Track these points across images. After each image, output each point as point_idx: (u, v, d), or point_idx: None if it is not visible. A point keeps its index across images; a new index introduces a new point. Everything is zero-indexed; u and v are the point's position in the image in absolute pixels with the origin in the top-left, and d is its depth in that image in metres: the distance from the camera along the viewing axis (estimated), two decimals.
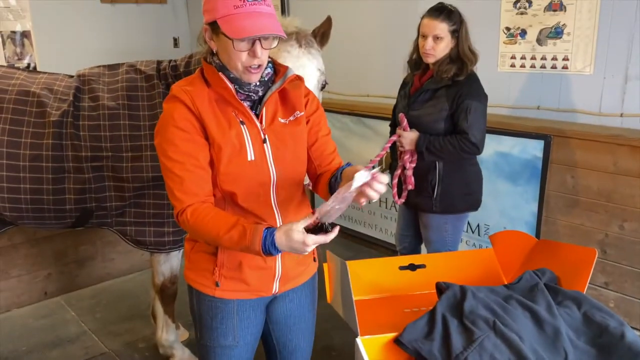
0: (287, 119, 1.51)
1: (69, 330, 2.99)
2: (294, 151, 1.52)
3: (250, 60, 1.38)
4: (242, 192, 1.46)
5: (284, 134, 1.50)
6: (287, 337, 1.70)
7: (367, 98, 3.87)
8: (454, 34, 2.30)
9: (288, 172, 1.51)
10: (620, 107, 2.68)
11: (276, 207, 1.51)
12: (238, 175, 1.45)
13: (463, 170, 2.42)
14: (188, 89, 1.43)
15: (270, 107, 1.50)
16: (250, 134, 1.45)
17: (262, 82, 1.46)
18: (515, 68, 3.04)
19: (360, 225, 4.04)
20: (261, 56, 1.38)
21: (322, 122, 1.60)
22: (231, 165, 1.43)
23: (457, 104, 2.29)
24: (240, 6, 1.33)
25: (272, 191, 1.49)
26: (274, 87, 1.48)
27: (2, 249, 3.08)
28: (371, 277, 2.17)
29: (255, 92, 1.46)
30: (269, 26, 1.33)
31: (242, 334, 1.59)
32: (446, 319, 1.72)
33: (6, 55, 4.50)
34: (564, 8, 2.78)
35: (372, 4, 3.71)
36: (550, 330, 1.70)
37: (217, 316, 1.56)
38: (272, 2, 1.40)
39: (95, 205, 2.24)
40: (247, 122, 1.45)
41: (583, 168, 2.73)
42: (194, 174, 1.41)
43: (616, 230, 2.67)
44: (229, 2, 1.33)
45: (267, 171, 1.47)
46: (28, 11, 4.58)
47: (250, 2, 1.33)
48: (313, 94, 1.59)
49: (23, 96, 2.18)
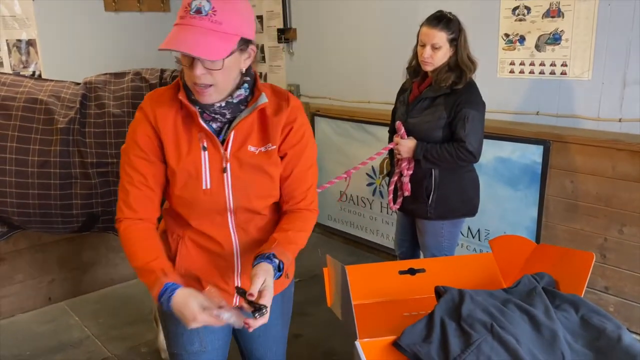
0: (257, 149, 1.39)
1: (72, 335, 3.02)
2: (258, 185, 1.42)
3: (192, 77, 1.28)
4: (195, 216, 1.42)
5: (250, 165, 1.39)
6: (252, 347, 1.68)
7: (367, 104, 3.90)
8: (453, 43, 2.32)
9: (249, 203, 1.43)
10: (618, 112, 2.70)
11: (234, 230, 1.46)
12: (191, 201, 1.40)
13: (459, 177, 2.44)
14: (155, 106, 1.37)
15: (241, 132, 1.38)
16: (211, 160, 1.36)
17: (230, 104, 1.35)
18: (515, 74, 3.06)
19: (362, 231, 4.06)
20: (199, 76, 1.26)
21: (303, 157, 1.46)
22: (185, 191, 1.39)
23: (455, 112, 2.31)
24: (183, 17, 1.25)
25: (230, 217, 1.44)
26: (243, 114, 1.37)
27: (6, 254, 3.11)
28: (371, 281, 2.19)
29: (222, 114, 1.36)
30: (190, 43, 1.20)
31: (209, 339, 1.56)
32: (444, 322, 1.74)
33: (12, 63, 4.56)
34: (561, 14, 2.81)
35: (373, 10, 3.75)
36: (547, 334, 1.71)
37: (181, 323, 1.47)
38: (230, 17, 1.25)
39: (101, 210, 2.28)
40: (210, 147, 1.36)
41: (582, 173, 2.75)
42: (139, 190, 1.38)
43: (615, 235, 2.68)
44: (180, 12, 1.27)
45: (224, 201, 1.40)
46: (33, 20, 4.63)
47: (192, 15, 1.23)
48: (300, 122, 1.43)
49: (31, 104, 2.22)
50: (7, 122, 2.18)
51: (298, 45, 4.39)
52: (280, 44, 4.49)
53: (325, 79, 4.19)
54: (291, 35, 4.38)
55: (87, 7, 4.88)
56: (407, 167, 2.45)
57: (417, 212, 2.49)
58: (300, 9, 4.30)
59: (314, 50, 4.24)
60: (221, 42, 1.24)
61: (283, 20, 4.40)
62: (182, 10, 1.26)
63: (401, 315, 2.04)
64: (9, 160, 2.16)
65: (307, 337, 2.92)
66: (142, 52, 5.20)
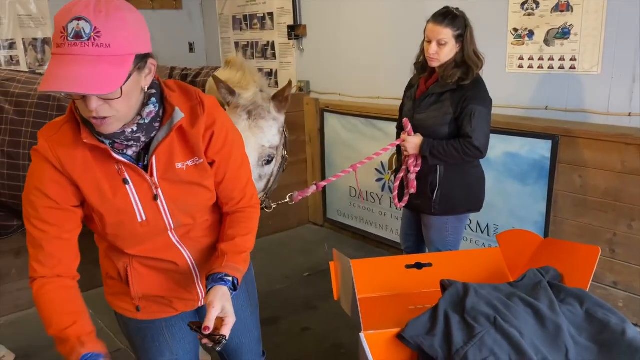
0: (185, 164, 1.28)
1: None
2: (194, 198, 1.33)
3: (87, 111, 1.10)
4: (136, 246, 1.33)
5: (182, 183, 1.29)
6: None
7: (377, 100, 3.91)
8: (459, 39, 2.32)
9: (189, 218, 1.36)
10: (628, 106, 2.68)
11: (180, 244, 1.40)
12: (128, 235, 1.30)
13: (465, 172, 2.45)
14: (55, 147, 1.18)
15: (163, 153, 1.25)
16: (139, 191, 1.25)
17: (142, 125, 1.20)
18: (523, 69, 3.05)
19: (371, 226, 4.08)
20: (96, 109, 1.08)
21: (232, 157, 1.37)
22: (119, 229, 1.28)
23: (462, 108, 2.32)
24: (61, 45, 1.03)
25: (172, 234, 1.36)
26: (160, 135, 1.24)
27: (23, 248, 3.18)
28: (378, 275, 2.21)
29: (135, 139, 1.20)
30: (78, 79, 1.01)
31: (179, 347, 1.52)
32: (448, 315, 1.76)
33: (27, 61, 4.66)
34: (570, 9, 2.79)
35: (382, 7, 3.75)
36: (551, 327, 1.72)
37: (147, 337, 1.48)
38: (117, 39, 1.05)
39: None
40: (133, 177, 1.24)
41: (591, 168, 2.74)
42: (53, 245, 1.23)
43: (624, 230, 2.67)
44: (55, 38, 1.05)
45: (163, 226, 1.32)
46: (49, 18, 4.73)
47: (71, 41, 1.02)
48: (220, 123, 1.32)
49: (44, 100, 2.28)
50: (22, 119, 2.24)
51: (308, 41, 4.41)
52: (290, 40, 4.52)
53: (335, 75, 4.21)
54: (301, 31, 4.41)
55: None
56: (414, 163, 2.46)
57: (422, 207, 2.50)
58: (310, 6, 4.32)
59: (324, 46, 4.26)
60: (113, 68, 1.05)
61: (293, 17, 4.43)
62: (57, 36, 1.03)
63: (407, 309, 2.06)
64: (22, 155, 2.22)
65: (315, 330, 2.96)
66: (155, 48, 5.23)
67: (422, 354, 1.69)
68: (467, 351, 1.61)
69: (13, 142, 2.23)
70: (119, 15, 1.06)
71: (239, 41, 5.16)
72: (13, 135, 2.23)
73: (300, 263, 3.80)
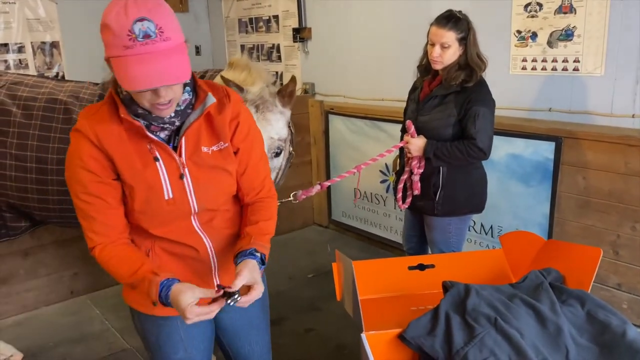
0: (210, 148, 1.39)
1: (93, 327, 3.13)
2: (218, 183, 1.42)
3: (155, 98, 1.23)
4: (160, 226, 1.40)
5: (208, 166, 1.38)
6: (237, 344, 1.67)
7: (381, 102, 3.92)
8: (462, 42, 2.33)
9: (212, 203, 1.44)
10: (632, 108, 2.68)
11: (201, 231, 1.46)
12: (155, 213, 1.37)
13: (467, 174, 2.46)
14: (94, 125, 1.30)
15: (192, 136, 1.36)
16: (168, 169, 1.34)
17: (179, 111, 1.33)
18: (527, 71, 3.05)
19: (375, 228, 4.09)
20: (165, 95, 1.23)
21: (254, 149, 1.48)
22: (147, 205, 1.36)
23: (466, 110, 2.33)
24: (130, 47, 1.14)
25: (194, 220, 1.43)
26: (192, 117, 1.35)
27: (31, 249, 3.24)
28: (380, 276, 2.22)
29: (171, 122, 1.33)
30: (164, 73, 1.16)
31: (193, 345, 1.55)
32: (449, 316, 1.77)
33: (36, 64, 4.71)
34: (574, 10, 2.79)
35: (386, 9, 3.77)
36: (552, 328, 1.73)
37: (162, 333, 1.52)
38: (174, 30, 1.19)
39: None
40: (163, 156, 1.34)
41: (594, 169, 2.74)
42: (104, 214, 1.34)
43: (628, 232, 2.66)
44: (118, 42, 1.15)
45: (187, 206, 1.39)
46: (57, 22, 4.79)
47: (141, 41, 1.14)
48: (245, 114, 1.45)
49: (51, 104, 2.31)
50: (29, 122, 2.28)
51: (313, 44, 4.44)
52: (295, 43, 4.55)
53: (340, 77, 4.23)
54: (306, 34, 4.43)
55: None
56: (417, 165, 2.47)
57: (425, 208, 2.51)
58: (315, 9, 4.34)
59: (329, 49, 4.28)
60: (180, 56, 1.19)
61: (298, 19, 4.45)
62: (124, 40, 1.14)
63: (409, 310, 2.07)
64: (29, 157, 2.26)
65: (318, 331, 2.97)
66: None
67: (422, 355, 1.70)
68: (467, 352, 1.62)
69: (20, 145, 2.27)
70: (164, 10, 1.19)
71: (244, 44, 5.20)
72: (21, 138, 2.27)
73: (305, 264, 3.82)
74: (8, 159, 2.27)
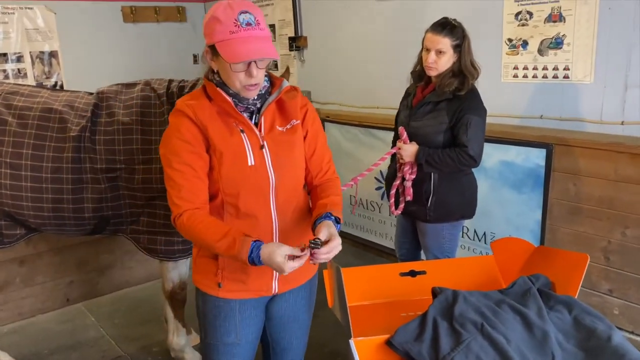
0: (284, 127, 1.62)
1: (88, 334, 3.14)
2: (291, 157, 1.62)
3: (248, 79, 1.49)
4: (242, 195, 1.56)
5: (282, 141, 1.60)
6: (279, 335, 1.80)
7: (376, 110, 3.95)
8: (457, 49, 2.36)
9: (286, 177, 1.61)
10: (621, 115, 2.70)
11: (274, 210, 1.61)
12: (239, 179, 1.55)
13: (457, 180, 2.48)
14: (191, 103, 1.55)
15: (269, 116, 1.61)
16: (250, 141, 1.56)
17: (260, 95, 1.58)
18: (518, 78, 3.08)
19: (371, 234, 4.11)
20: (257, 75, 1.49)
21: (319, 133, 1.72)
22: (232, 170, 1.54)
23: (458, 118, 2.36)
24: (236, 32, 1.44)
25: (272, 195, 1.60)
26: (271, 98, 1.60)
27: (27, 257, 3.26)
28: (372, 283, 2.24)
29: (254, 104, 1.58)
30: (262, 50, 1.45)
31: (244, 332, 1.69)
32: (437, 321, 1.78)
33: (35, 74, 4.75)
34: (563, 19, 2.83)
35: (381, 18, 3.81)
36: (539, 334, 1.74)
37: (220, 315, 1.67)
38: (266, 25, 1.51)
39: (111, 213, 2.39)
40: (247, 130, 1.56)
41: (585, 176, 2.76)
42: (192, 182, 1.53)
43: (619, 237, 2.68)
44: (225, 28, 1.44)
45: (267, 175, 1.57)
46: (55, 32, 4.83)
47: (245, 27, 1.44)
48: (311, 105, 1.71)
49: (46, 113, 2.34)
50: (24, 131, 2.30)
51: (309, 52, 4.48)
52: (291, 51, 4.59)
53: (335, 85, 4.27)
54: (302, 43, 4.48)
55: (107, 19, 5.06)
56: (409, 171, 2.49)
57: (417, 214, 2.53)
58: (310, 18, 4.39)
59: (324, 57, 4.32)
60: (271, 43, 1.50)
61: (294, 28, 4.50)
62: (231, 26, 1.44)
63: (399, 316, 2.08)
64: (24, 166, 2.29)
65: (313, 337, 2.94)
66: (160, 60, 5.37)
67: None
68: (453, 357, 1.63)
69: (15, 154, 2.29)
70: (259, 10, 1.50)
71: None
72: (15, 147, 2.30)
73: None
74: (3, 168, 2.30)
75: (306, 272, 1.78)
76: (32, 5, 4.67)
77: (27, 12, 4.66)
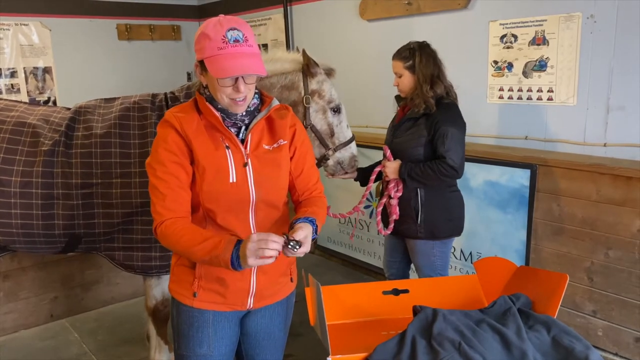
0: (271, 146, 1.63)
1: (70, 351, 3.10)
2: (275, 176, 1.63)
3: (235, 94, 1.52)
4: (221, 210, 1.57)
5: (267, 159, 1.62)
6: (254, 351, 1.78)
7: (365, 129, 3.99)
8: (411, 69, 2.48)
9: (268, 195, 1.62)
10: (603, 137, 2.74)
11: (254, 226, 1.62)
12: (219, 194, 1.56)
13: (444, 196, 2.50)
14: (179, 115, 1.58)
15: (256, 134, 1.62)
16: (234, 158, 1.57)
17: (248, 111, 1.61)
18: (503, 100, 3.13)
19: (359, 253, 4.10)
20: (244, 91, 1.52)
21: (308, 154, 1.73)
22: (214, 185, 1.56)
23: (435, 130, 2.41)
24: (223, 48, 1.47)
25: (251, 211, 1.61)
26: (260, 116, 1.63)
27: (11, 272, 3.24)
28: (354, 301, 2.23)
29: (242, 120, 1.61)
30: (248, 66, 1.48)
31: (216, 345, 1.68)
32: (415, 340, 1.78)
33: (28, 89, 4.78)
34: (546, 42, 2.88)
35: (371, 38, 3.87)
36: (517, 354, 1.74)
37: (194, 325, 1.66)
38: (254, 42, 1.54)
39: (83, 231, 2.32)
40: (232, 147, 1.58)
41: (567, 196, 2.78)
42: (176, 192, 1.55)
43: (602, 258, 2.69)
44: (214, 44, 1.48)
45: (247, 193, 1.58)
46: (50, 48, 4.87)
47: (232, 44, 1.48)
48: (300, 125, 1.72)
49: (19, 127, 2.31)
50: None
51: None
52: None
53: None
54: None
55: (102, 36, 5.12)
56: (394, 188, 2.51)
57: (407, 232, 2.54)
58: (302, 38, 4.46)
59: None
60: (258, 60, 1.52)
61: (287, 48, 4.55)
62: (219, 43, 1.48)
63: (380, 335, 2.07)
64: None
65: (297, 357, 2.96)
66: (155, 78, 5.41)
67: None
68: None
69: None
70: (248, 27, 1.54)
71: None
72: None
73: None
74: None
75: (283, 290, 1.78)
76: (28, 21, 4.72)
77: (22, 28, 4.71)
